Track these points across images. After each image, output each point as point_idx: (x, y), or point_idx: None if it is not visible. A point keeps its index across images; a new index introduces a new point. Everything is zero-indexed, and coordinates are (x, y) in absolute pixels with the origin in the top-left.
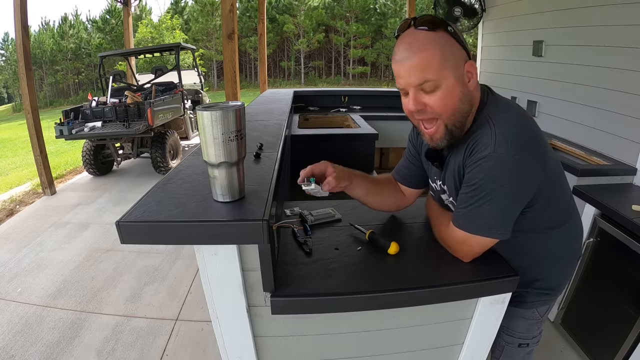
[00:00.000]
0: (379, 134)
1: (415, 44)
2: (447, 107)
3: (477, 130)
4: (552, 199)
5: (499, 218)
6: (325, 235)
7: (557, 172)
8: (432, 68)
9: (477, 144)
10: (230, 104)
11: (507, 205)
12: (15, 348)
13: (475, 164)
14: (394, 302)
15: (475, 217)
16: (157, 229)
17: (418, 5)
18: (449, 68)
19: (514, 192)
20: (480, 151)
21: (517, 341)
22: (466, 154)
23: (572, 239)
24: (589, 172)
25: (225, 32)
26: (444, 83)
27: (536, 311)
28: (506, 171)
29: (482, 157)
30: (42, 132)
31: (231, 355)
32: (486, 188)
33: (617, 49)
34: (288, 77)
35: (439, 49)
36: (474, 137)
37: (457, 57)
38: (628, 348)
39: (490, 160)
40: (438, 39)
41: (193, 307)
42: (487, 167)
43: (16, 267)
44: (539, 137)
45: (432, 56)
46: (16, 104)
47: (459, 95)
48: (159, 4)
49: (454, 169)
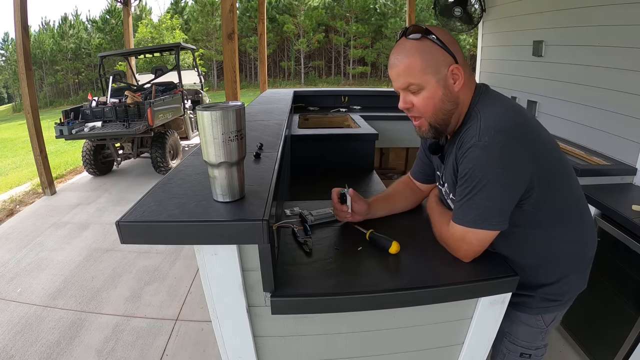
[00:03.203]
0: (379, 134)
1: (402, 52)
2: (428, 107)
3: (467, 124)
4: (552, 194)
5: (491, 208)
6: (325, 235)
7: (557, 168)
8: (415, 73)
9: (464, 137)
10: (230, 104)
11: (497, 193)
12: (15, 348)
13: (464, 155)
14: (394, 302)
15: (468, 209)
16: (157, 229)
17: (418, 5)
18: (430, 73)
19: (503, 180)
20: (467, 142)
21: (519, 350)
22: (457, 149)
23: (583, 243)
24: (589, 172)
25: (225, 32)
26: (426, 86)
27: (541, 319)
28: (491, 159)
29: (468, 148)
30: (42, 132)
31: (231, 355)
32: (475, 178)
33: (617, 49)
34: (288, 77)
35: (420, 56)
36: (464, 131)
37: (439, 62)
38: (628, 348)
39: (476, 149)
40: (422, 47)
41: (193, 307)
42: (474, 157)
43: (16, 267)
44: (529, 128)
45: (414, 63)
46: (16, 104)
47: (441, 96)
48: (159, 4)
49: (451, 166)
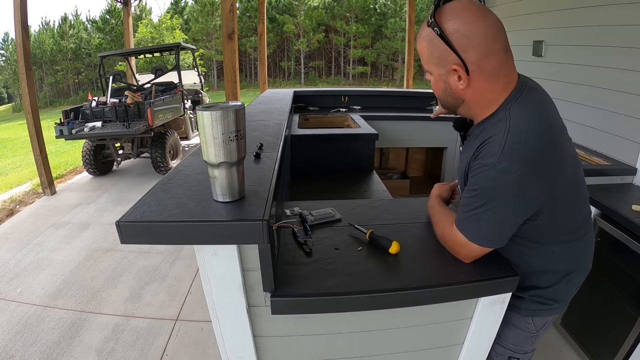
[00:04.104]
0: (379, 134)
1: (420, 34)
2: (436, 90)
3: (494, 124)
4: (557, 219)
5: (496, 229)
6: (325, 235)
7: (570, 196)
8: (423, 58)
9: (486, 148)
10: (230, 104)
11: (505, 218)
12: (15, 348)
13: (478, 169)
14: (394, 302)
15: (475, 222)
16: (157, 229)
17: (418, 5)
18: (433, 63)
19: (513, 208)
20: (486, 158)
21: (507, 353)
22: (474, 155)
23: (580, 258)
24: (589, 172)
25: (225, 32)
26: (432, 73)
27: (532, 322)
28: (506, 186)
29: (485, 164)
30: (42, 132)
31: (231, 355)
32: (486, 197)
33: (617, 49)
34: (288, 77)
35: (426, 45)
36: (487, 136)
37: (441, 57)
38: (628, 348)
39: (493, 170)
40: (430, 36)
41: (193, 307)
42: (488, 177)
43: (16, 267)
44: (552, 149)
45: (422, 48)
46: (16, 104)
47: (442, 89)
48: (159, 4)
49: (464, 164)
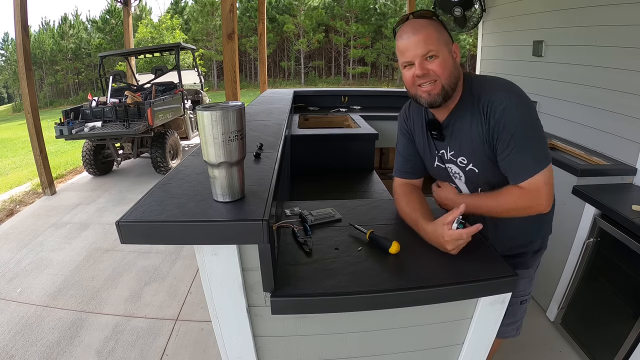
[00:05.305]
0: (379, 134)
1: (417, 26)
2: (445, 71)
3: (470, 93)
4: None
5: (545, 145)
6: (325, 235)
7: None
8: (433, 41)
9: (490, 105)
10: (230, 104)
11: (543, 136)
12: (15, 348)
13: (501, 118)
14: (394, 302)
15: (536, 151)
16: (157, 229)
17: (418, 5)
18: (443, 43)
19: (540, 125)
20: (496, 108)
21: (519, 300)
22: (483, 118)
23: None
24: (589, 172)
25: (225, 32)
26: (441, 54)
27: (533, 269)
28: (528, 112)
29: (502, 109)
30: (42, 132)
31: (231, 355)
32: (528, 127)
33: (617, 49)
34: (288, 77)
35: (435, 29)
36: (479, 101)
37: (446, 38)
38: (628, 348)
39: (514, 108)
40: (435, 24)
41: (193, 307)
42: (518, 114)
43: (16, 267)
44: None
45: (432, 33)
46: (16, 104)
47: (452, 64)
48: (159, 4)
49: (469, 133)
